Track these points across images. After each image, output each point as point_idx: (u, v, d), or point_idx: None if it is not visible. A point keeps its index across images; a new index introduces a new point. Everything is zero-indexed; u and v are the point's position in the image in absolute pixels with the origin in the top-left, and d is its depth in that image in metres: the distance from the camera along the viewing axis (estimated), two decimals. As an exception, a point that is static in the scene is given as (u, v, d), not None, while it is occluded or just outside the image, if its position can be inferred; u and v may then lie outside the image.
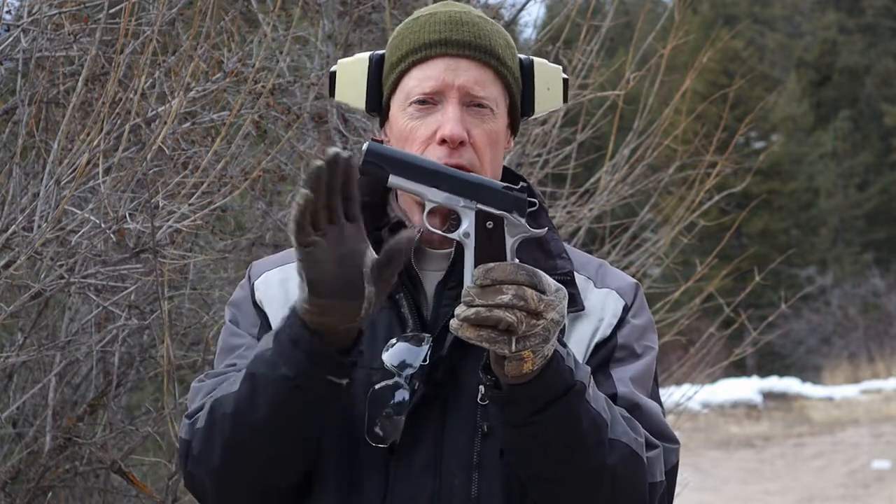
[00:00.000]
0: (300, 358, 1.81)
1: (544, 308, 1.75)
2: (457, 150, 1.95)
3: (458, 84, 1.98)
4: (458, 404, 1.93)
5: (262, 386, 1.84)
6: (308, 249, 1.74)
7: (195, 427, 1.93)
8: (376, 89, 2.05)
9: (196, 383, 2.02)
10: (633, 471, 1.88)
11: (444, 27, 2.00)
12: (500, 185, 1.81)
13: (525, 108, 2.07)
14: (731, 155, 5.71)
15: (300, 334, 1.81)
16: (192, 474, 1.95)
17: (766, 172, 28.81)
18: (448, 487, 1.91)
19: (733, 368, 18.72)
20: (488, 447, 1.92)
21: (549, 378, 1.80)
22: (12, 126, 3.87)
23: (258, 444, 1.88)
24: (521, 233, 1.80)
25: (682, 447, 2.04)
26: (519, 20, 5.52)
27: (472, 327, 1.74)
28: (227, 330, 2.06)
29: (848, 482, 14.02)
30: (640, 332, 2.04)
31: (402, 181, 1.79)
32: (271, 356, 1.84)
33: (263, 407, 1.84)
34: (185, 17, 4.21)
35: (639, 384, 1.99)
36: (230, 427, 1.88)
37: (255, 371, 1.86)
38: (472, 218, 1.80)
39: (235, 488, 1.93)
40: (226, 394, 1.90)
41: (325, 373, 1.82)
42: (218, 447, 1.89)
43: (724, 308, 6.00)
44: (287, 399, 1.83)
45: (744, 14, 34.35)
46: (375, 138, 1.82)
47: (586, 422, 1.83)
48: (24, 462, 4.18)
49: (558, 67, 2.09)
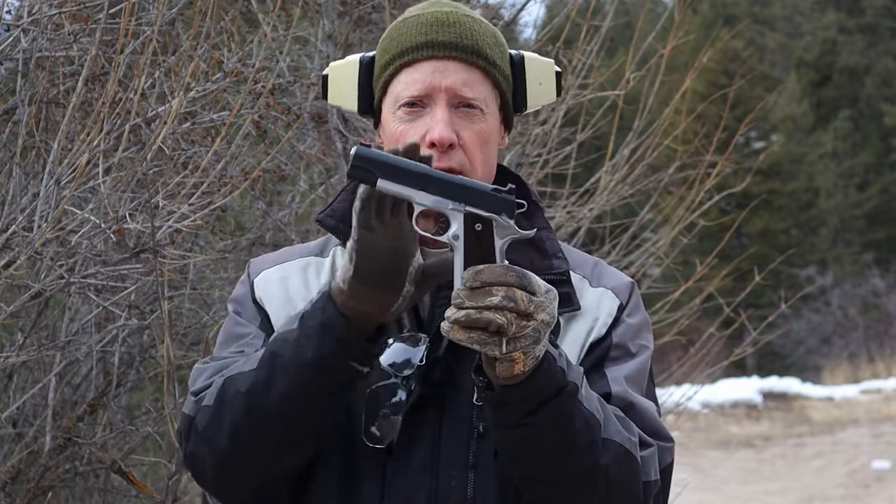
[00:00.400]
0: (329, 342, 1.83)
1: (534, 309, 1.75)
2: (446, 153, 1.95)
3: (445, 86, 1.97)
4: (455, 405, 1.93)
5: (282, 367, 1.85)
6: (366, 233, 1.78)
7: (201, 404, 1.92)
8: (367, 92, 2.06)
9: (200, 364, 2.01)
10: (626, 470, 1.88)
11: (430, 29, 2.00)
12: (488, 188, 1.81)
13: (517, 104, 2.06)
14: (731, 155, 5.71)
15: (332, 318, 1.83)
16: (194, 453, 1.93)
17: (766, 172, 28.81)
18: (445, 488, 1.92)
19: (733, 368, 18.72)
20: (484, 448, 1.92)
21: (541, 379, 1.80)
22: (12, 126, 3.87)
23: (269, 426, 1.87)
24: (510, 234, 1.80)
25: (681, 447, 2.05)
26: (519, 20, 5.53)
27: (463, 329, 1.74)
28: (232, 320, 2.06)
29: (848, 482, 14.02)
30: (635, 332, 2.04)
31: (390, 185, 1.79)
32: (296, 338, 1.85)
33: (281, 388, 1.85)
34: (185, 17, 4.21)
35: (633, 383, 1.99)
36: (242, 406, 1.87)
37: (276, 350, 1.87)
38: (461, 220, 1.80)
39: (238, 471, 1.92)
40: (239, 372, 1.90)
41: (350, 358, 1.84)
42: (227, 426, 1.89)
43: (724, 308, 6.00)
44: (308, 382, 1.84)
45: (744, 14, 34.35)
46: (364, 142, 1.82)
47: (579, 422, 1.83)
48: (24, 462, 4.19)
49: (550, 61, 2.09)
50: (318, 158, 4.64)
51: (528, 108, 2.07)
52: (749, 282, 5.87)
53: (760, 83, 29.09)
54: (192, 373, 2.02)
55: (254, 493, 1.95)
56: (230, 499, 1.98)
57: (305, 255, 2.08)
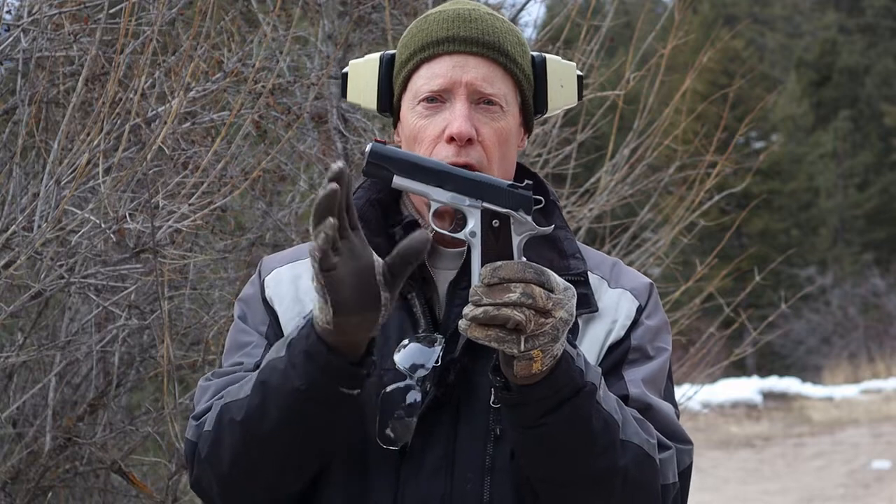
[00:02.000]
0: (314, 371, 1.79)
1: (553, 306, 1.73)
2: (465, 149, 1.93)
3: (465, 81, 1.95)
4: (471, 407, 1.91)
5: (272, 396, 1.83)
6: (331, 273, 1.71)
7: (202, 429, 1.91)
8: (387, 89, 2.04)
9: (203, 382, 2.00)
10: (645, 472, 1.86)
11: (451, 24, 1.98)
12: (504, 184, 1.80)
13: (538, 105, 2.04)
14: (731, 155, 5.71)
15: (316, 348, 1.79)
16: (199, 478, 1.93)
17: (766, 172, 28.80)
18: (460, 491, 1.89)
19: (733, 368, 18.72)
20: (500, 451, 1.90)
21: (559, 378, 1.78)
22: (12, 126, 3.87)
23: (267, 453, 1.86)
24: (527, 231, 1.79)
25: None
26: (519, 20, 5.51)
27: (481, 327, 1.72)
28: (236, 327, 2.04)
29: (848, 482, 14.01)
30: (654, 334, 2.02)
31: (407, 182, 1.78)
32: (284, 367, 1.82)
33: (273, 416, 1.83)
34: (185, 17, 4.21)
35: (651, 385, 1.97)
36: (239, 435, 1.86)
37: (266, 380, 1.84)
38: (478, 217, 1.78)
39: (244, 493, 1.91)
40: (235, 399, 1.88)
41: (337, 385, 1.80)
42: (227, 454, 1.88)
43: (724, 308, 6.00)
44: (298, 410, 1.82)
45: (744, 14, 34.33)
46: (378, 139, 1.80)
47: (597, 423, 1.81)
48: (24, 462, 4.18)
49: (572, 64, 2.07)
50: (318, 158, 4.64)
51: (549, 110, 2.05)
52: (749, 282, 5.87)
53: (760, 83, 29.08)
54: (196, 391, 2.01)
55: None
56: None
57: None
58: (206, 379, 2.01)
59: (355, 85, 2.05)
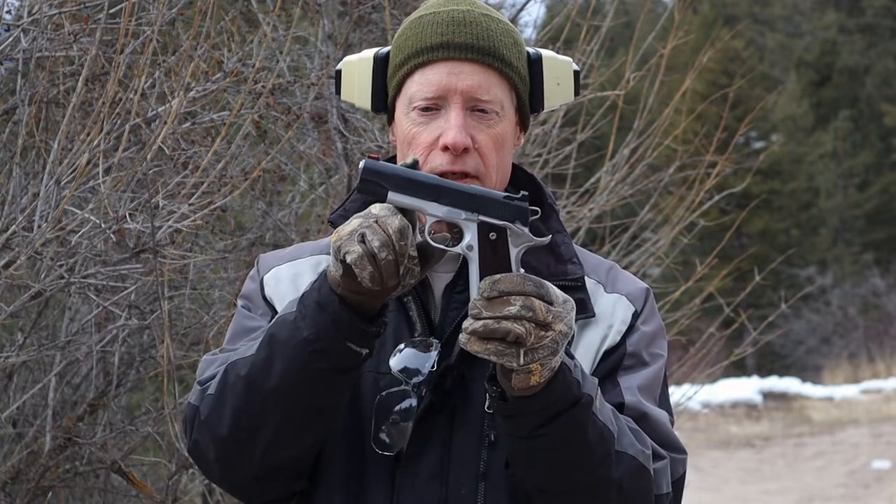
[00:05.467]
0: (324, 322, 1.79)
1: (552, 319, 1.73)
2: (460, 157, 1.92)
3: (461, 89, 1.93)
4: (466, 413, 1.91)
5: (280, 347, 1.83)
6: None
7: (206, 393, 1.91)
8: (381, 89, 2.02)
9: (209, 356, 1.99)
10: (639, 483, 1.86)
11: (446, 29, 1.96)
12: (500, 196, 1.78)
13: (534, 103, 2.03)
14: (731, 155, 5.71)
15: (328, 299, 1.79)
16: (197, 441, 1.92)
17: (766, 172, 28.79)
18: (454, 496, 1.89)
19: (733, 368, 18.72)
20: (495, 457, 1.89)
21: (556, 391, 1.77)
22: (12, 126, 3.87)
23: (268, 409, 1.85)
24: (524, 242, 1.77)
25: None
26: (519, 20, 5.51)
27: (480, 340, 1.71)
28: (241, 314, 2.03)
29: (848, 482, 14.01)
30: (650, 340, 2.01)
31: (402, 198, 1.77)
32: (294, 319, 1.82)
33: (279, 368, 1.82)
34: (185, 17, 4.21)
35: (646, 392, 1.96)
36: (242, 389, 1.85)
37: (275, 332, 1.84)
38: (475, 230, 1.77)
39: (239, 456, 1.90)
40: (241, 357, 1.88)
41: (346, 339, 1.80)
42: (228, 411, 1.87)
43: (724, 308, 6.00)
44: (304, 361, 1.81)
45: (744, 14, 34.33)
46: (371, 155, 1.79)
47: (593, 434, 1.81)
48: (24, 462, 4.18)
49: (568, 60, 2.05)
50: (318, 158, 4.64)
51: (546, 108, 2.03)
52: (749, 282, 5.87)
53: (760, 83, 29.08)
54: (200, 364, 2.00)
55: (256, 480, 1.92)
56: (233, 486, 1.96)
57: (318, 253, 2.05)
58: (212, 354, 2.00)
59: (349, 83, 2.04)
